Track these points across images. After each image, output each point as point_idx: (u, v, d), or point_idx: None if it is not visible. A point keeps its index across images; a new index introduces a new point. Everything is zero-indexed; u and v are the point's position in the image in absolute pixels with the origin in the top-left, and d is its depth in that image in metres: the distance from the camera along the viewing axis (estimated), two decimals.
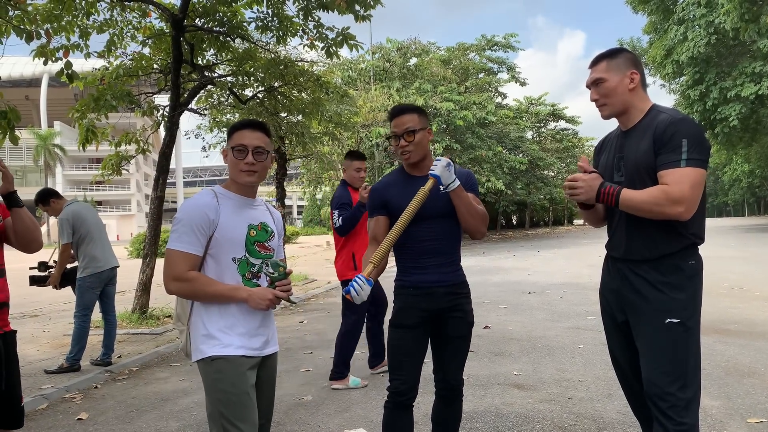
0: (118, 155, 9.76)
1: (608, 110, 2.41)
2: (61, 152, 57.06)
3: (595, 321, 7.32)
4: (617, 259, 2.44)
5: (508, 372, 5.06)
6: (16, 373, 2.59)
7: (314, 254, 25.26)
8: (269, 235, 2.32)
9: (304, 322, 8.22)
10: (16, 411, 2.57)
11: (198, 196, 2.24)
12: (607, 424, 3.72)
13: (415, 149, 2.63)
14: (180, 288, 2.16)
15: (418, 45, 28.79)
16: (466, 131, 27.41)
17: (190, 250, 2.15)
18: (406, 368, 2.63)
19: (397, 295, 2.73)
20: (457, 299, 2.67)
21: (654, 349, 2.26)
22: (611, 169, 2.47)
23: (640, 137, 2.33)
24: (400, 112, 2.66)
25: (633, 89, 2.37)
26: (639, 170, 2.31)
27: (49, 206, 5.63)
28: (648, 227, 2.28)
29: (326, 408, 4.30)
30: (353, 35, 8.40)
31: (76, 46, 8.21)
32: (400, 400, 2.63)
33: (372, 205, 2.76)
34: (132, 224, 68.38)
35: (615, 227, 2.48)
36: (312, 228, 59.62)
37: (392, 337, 2.67)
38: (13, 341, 2.62)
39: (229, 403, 2.13)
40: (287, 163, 14.44)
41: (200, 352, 2.19)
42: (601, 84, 2.39)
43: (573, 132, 46.83)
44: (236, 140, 2.23)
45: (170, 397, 4.79)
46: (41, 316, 9.45)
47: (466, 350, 2.75)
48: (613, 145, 2.51)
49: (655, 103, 2.40)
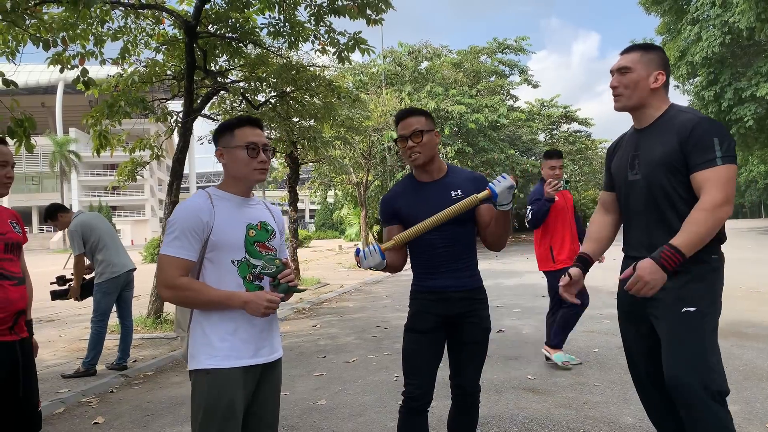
0: (133, 162, 9.87)
1: (623, 102, 2.38)
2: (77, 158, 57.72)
3: (610, 325, 7.25)
4: (639, 258, 2.35)
5: (523, 376, 5.03)
6: (33, 379, 2.63)
7: (326, 258, 25.29)
8: (270, 234, 2.21)
9: (317, 326, 8.23)
10: (34, 416, 2.60)
11: (191, 198, 2.15)
12: (623, 429, 3.68)
13: (423, 151, 2.60)
14: (173, 295, 2.06)
15: (429, 48, 28.80)
16: (478, 134, 27.36)
17: (182, 255, 2.05)
18: (420, 373, 2.62)
19: (413, 299, 2.71)
20: (473, 305, 2.64)
21: (673, 339, 2.23)
22: (624, 169, 2.43)
23: (658, 135, 2.30)
24: (407, 115, 2.65)
25: (655, 89, 2.34)
26: (656, 168, 2.28)
27: (57, 221, 5.71)
28: (671, 223, 2.26)
29: (340, 412, 4.30)
30: (365, 39, 8.42)
31: (91, 54, 8.31)
32: (414, 405, 2.61)
33: (383, 217, 2.76)
34: (146, 229, 68.85)
35: (632, 227, 2.44)
36: (324, 232, 59.68)
37: (407, 341, 2.67)
38: (30, 347, 2.66)
39: (215, 420, 2.03)
40: (299, 167, 14.49)
41: (197, 362, 2.08)
42: (626, 74, 2.35)
43: (586, 134, 46.47)
44: (243, 138, 2.16)
45: (185, 401, 4.80)
46: (57, 321, 9.55)
47: (483, 356, 2.72)
48: (628, 144, 2.48)
49: (674, 103, 2.36)
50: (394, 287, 13.14)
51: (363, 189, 20.82)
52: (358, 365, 5.71)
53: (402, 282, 14.16)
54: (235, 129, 2.18)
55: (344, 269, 18.91)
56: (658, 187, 2.31)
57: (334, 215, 41.81)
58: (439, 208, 2.53)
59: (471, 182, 2.66)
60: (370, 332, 7.52)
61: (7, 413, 2.51)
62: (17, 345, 2.56)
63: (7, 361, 2.50)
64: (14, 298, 2.54)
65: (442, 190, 2.64)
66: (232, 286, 2.10)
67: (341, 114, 12.02)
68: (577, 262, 2.60)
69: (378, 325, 8.04)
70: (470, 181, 2.67)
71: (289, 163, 14.14)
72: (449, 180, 2.67)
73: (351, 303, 10.76)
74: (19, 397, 2.51)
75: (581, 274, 2.57)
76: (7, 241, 2.58)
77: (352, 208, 31.14)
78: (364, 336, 7.29)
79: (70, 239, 5.60)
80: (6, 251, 2.56)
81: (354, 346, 6.67)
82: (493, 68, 32.89)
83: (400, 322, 8.20)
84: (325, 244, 43.27)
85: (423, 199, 2.63)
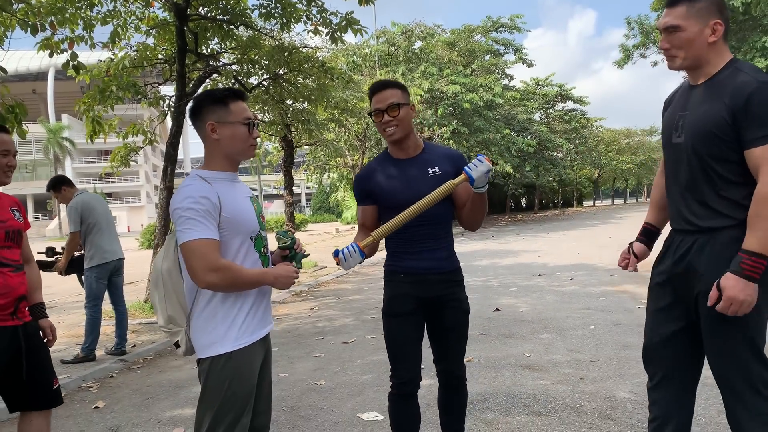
0: (126, 147, 9.80)
1: (678, 63, 2.09)
2: (71, 145, 57.36)
3: (606, 302, 7.31)
4: (679, 231, 2.18)
5: (519, 353, 5.07)
6: (44, 359, 2.70)
7: (323, 241, 25.30)
8: (261, 206, 2.23)
9: (315, 309, 8.26)
10: (48, 393, 2.68)
11: (189, 184, 2.03)
12: (619, 403, 3.73)
13: (400, 125, 2.50)
14: (220, 277, 1.94)
15: (423, 28, 28.54)
16: (473, 114, 27.24)
17: (212, 236, 1.96)
18: (407, 358, 2.58)
19: (388, 281, 2.65)
20: (451, 287, 2.59)
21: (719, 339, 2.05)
22: (670, 129, 2.18)
23: (710, 97, 2.02)
24: (383, 87, 2.54)
25: (713, 43, 2.02)
26: (700, 136, 2.02)
27: (60, 193, 5.69)
28: (708, 201, 2.05)
29: (339, 392, 4.34)
30: (357, 20, 8.35)
31: (80, 38, 8.19)
32: (405, 390, 2.59)
33: (357, 196, 2.69)
34: (142, 215, 68.76)
35: (670, 194, 2.23)
36: (321, 215, 59.62)
37: (388, 327, 2.61)
38: (36, 331, 2.73)
39: (233, 409, 2.03)
40: (294, 150, 14.44)
41: (212, 349, 2.04)
42: (675, 32, 2.03)
43: (581, 112, 46.45)
44: (241, 113, 2.08)
45: (184, 384, 4.84)
46: (55, 308, 9.55)
47: (465, 338, 2.68)
48: (678, 100, 2.21)
49: (735, 58, 2.06)
50: None
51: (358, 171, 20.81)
52: (356, 346, 5.75)
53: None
54: (229, 102, 2.08)
55: None
56: (700, 158, 2.04)
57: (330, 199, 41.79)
58: (417, 185, 2.48)
59: (447, 159, 2.59)
60: (368, 313, 7.56)
61: (19, 392, 2.63)
62: (20, 330, 2.61)
63: (10, 346, 2.57)
64: (14, 284, 2.59)
65: (418, 167, 2.56)
66: (249, 262, 2.09)
67: (335, 96, 11.97)
68: (641, 236, 2.43)
69: (375, 307, 8.07)
70: (447, 158, 2.60)
71: (283, 146, 14.09)
72: (426, 157, 2.59)
73: (348, 285, 10.80)
74: (23, 379, 2.59)
75: (645, 249, 2.41)
76: (8, 228, 2.62)
77: (348, 191, 31.07)
78: (362, 317, 7.33)
79: (68, 215, 5.58)
80: (6, 239, 2.61)
81: (352, 327, 6.71)
82: (487, 47, 32.64)
83: None
84: (322, 227, 43.28)
85: (399, 177, 2.55)
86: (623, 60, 26.51)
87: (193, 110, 2.11)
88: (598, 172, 61.76)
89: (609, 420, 3.48)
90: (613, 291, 8.12)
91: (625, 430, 3.31)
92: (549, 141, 36.35)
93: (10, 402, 2.66)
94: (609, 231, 21.03)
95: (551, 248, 15.49)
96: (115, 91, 8.40)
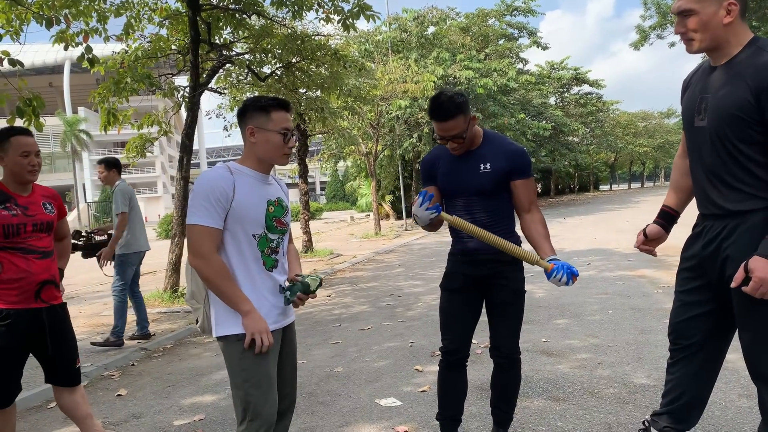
0: (142, 138, 9.88)
1: (696, 46, 2.06)
2: (88, 137, 57.88)
3: (624, 287, 7.26)
4: (707, 216, 2.13)
5: (537, 339, 5.06)
6: (68, 339, 2.88)
7: (338, 229, 25.40)
8: (285, 211, 2.31)
9: (331, 296, 8.31)
10: (71, 371, 2.88)
11: (213, 170, 2.20)
12: (638, 388, 3.71)
13: (465, 145, 2.63)
14: (199, 266, 2.10)
15: (435, 12, 28.25)
16: (487, 99, 26.98)
17: (210, 223, 2.09)
18: (453, 329, 2.75)
19: (448, 260, 2.86)
20: (499, 267, 2.67)
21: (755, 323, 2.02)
22: (692, 112, 2.14)
23: (732, 78, 1.99)
24: (444, 118, 2.53)
25: (729, 23, 1.98)
26: (725, 118, 1.99)
27: (109, 172, 5.79)
28: (733, 186, 2.03)
29: (357, 378, 4.37)
30: (369, 6, 8.28)
31: (94, 31, 8.24)
32: (450, 360, 2.77)
33: (423, 176, 2.86)
34: (159, 206, 69.39)
35: (695, 177, 2.19)
36: (336, 203, 59.75)
37: (441, 299, 2.82)
38: (63, 312, 2.89)
39: (255, 379, 2.15)
40: (308, 139, 14.44)
41: (225, 328, 2.16)
42: (690, 16, 2.01)
43: (597, 96, 45.83)
44: (280, 123, 2.19)
45: (204, 372, 4.91)
46: (76, 298, 9.72)
47: (516, 318, 2.74)
48: (699, 81, 2.16)
49: (756, 36, 2.02)
50: (406, 256, 13.19)
51: (373, 159, 20.71)
52: (372, 333, 5.78)
53: (414, 251, 14.21)
54: (271, 111, 2.19)
55: (356, 240, 18.99)
56: (726, 141, 2.01)
57: (345, 187, 41.79)
58: (466, 179, 2.64)
59: (504, 155, 2.63)
60: (384, 300, 7.59)
61: (47, 367, 2.86)
62: (43, 312, 2.76)
63: (33, 325, 2.74)
64: (36, 270, 2.74)
65: (473, 161, 2.65)
66: (250, 259, 2.19)
67: (348, 83, 11.92)
68: (659, 218, 2.41)
69: (392, 294, 8.10)
70: (504, 154, 2.64)
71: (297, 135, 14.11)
72: (481, 152, 2.66)
73: (364, 273, 10.84)
74: (48, 355, 2.80)
75: (662, 231, 2.38)
76: (36, 222, 2.77)
77: (363, 179, 31.04)
78: (378, 304, 7.36)
79: (119, 197, 5.67)
80: (34, 231, 2.77)
81: (368, 314, 6.74)
82: (501, 31, 32.27)
83: (413, 290, 8.26)
84: (337, 215, 43.41)
85: (454, 169, 2.69)
86: (640, 41, 26.11)
87: (240, 112, 2.25)
88: (614, 156, 61.00)
89: (627, 405, 3.46)
90: (630, 276, 8.06)
91: (643, 415, 3.30)
92: (564, 125, 35.92)
93: (46, 375, 2.89)
94: (626, 215, 20.82)
95: (568, 233, 15.39)
96: (129, 83, 8.46)
